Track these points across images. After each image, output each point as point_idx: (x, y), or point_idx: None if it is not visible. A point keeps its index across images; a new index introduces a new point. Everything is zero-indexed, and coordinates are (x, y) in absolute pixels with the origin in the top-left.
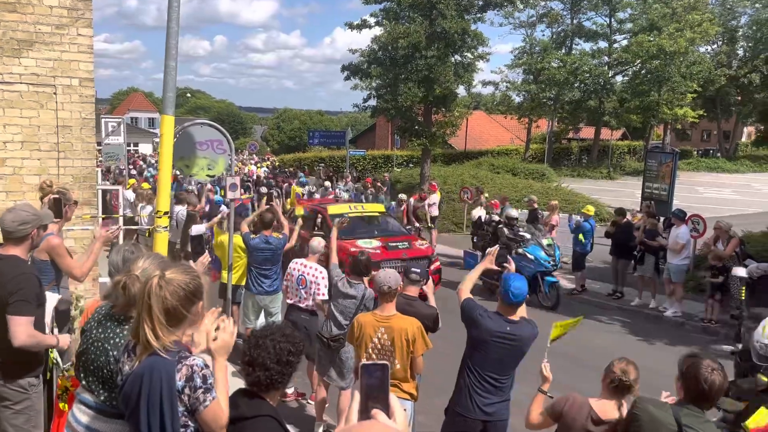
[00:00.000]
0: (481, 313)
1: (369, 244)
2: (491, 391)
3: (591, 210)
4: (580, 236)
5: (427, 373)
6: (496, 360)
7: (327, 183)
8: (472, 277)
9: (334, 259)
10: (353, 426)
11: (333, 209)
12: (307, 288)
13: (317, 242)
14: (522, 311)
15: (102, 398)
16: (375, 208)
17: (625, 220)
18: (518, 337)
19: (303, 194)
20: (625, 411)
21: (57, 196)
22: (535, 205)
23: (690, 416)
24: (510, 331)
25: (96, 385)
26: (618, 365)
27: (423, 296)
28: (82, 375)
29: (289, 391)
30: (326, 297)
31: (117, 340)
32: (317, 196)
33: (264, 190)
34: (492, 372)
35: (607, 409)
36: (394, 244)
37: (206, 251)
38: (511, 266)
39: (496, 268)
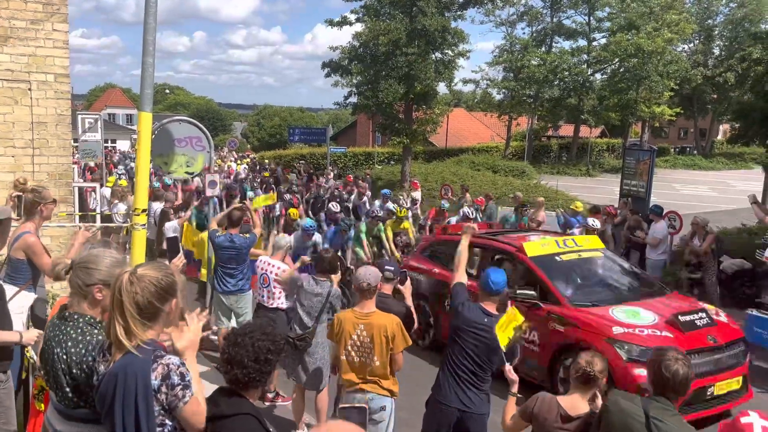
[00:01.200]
0: (463, 302)
1: (642, 320)
2: (468, 383)
3: (580, 206)
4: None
5: (411, 369)
6: (473, 352)
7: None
8: (463, 261)
9: None
10: (326, 424)
11: (533, 248)
12: (269, 287)
13: (281, 239)
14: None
15: (58, 398)
16: (591, 244)
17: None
18: (491, 330)
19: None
20: (599, 403)
21: (20, 193)
22: (521, 202)
23: (658, 408)
24: (487, 323)
25: (54, 385)
26: (584, 357)
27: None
28: (45, 375)
29: (270, 395)
30: (283, 303)
31: (61, 337)
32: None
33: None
34: (469, 363)
35: (576, 405)
36: (688, 318)
37: (181, 252)
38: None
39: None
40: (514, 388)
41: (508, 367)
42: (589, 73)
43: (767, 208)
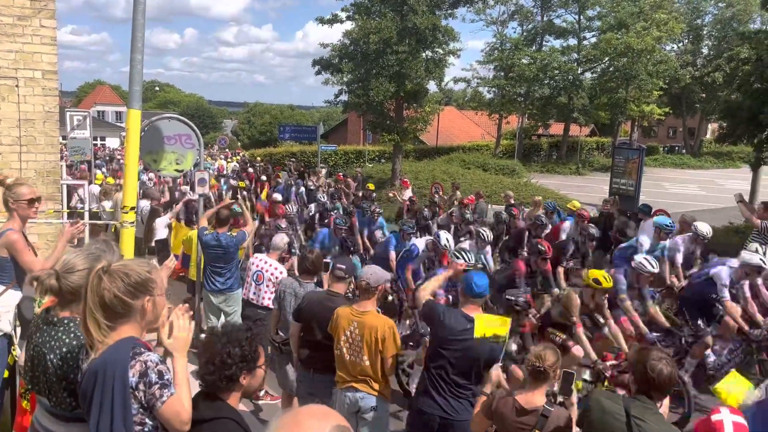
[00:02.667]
0: (444, 311)
1: None
2: (450, 391)
3: (577, 205)
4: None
5: None
6: (456, 360)
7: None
8: (434, 284)
9: None
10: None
11: None
12: (261, 285)
13: (279, 239)
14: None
15: (52, 403)
16: None
17: (608, 209)
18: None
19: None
20: (573, 399)
21: None
22: (512, 201)
23: (640, 407)
24: (470, 328)
25: (45, 391)
26: (534, 352)
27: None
28: (33, 380)
29: (260, 393)
30: (271, 305)
31: (53, 343)
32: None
33: (233, 183)
34: (452, 372)
35: (530, 399)
36: None
37: (172, 254)
38: None
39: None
40: (487, 389)
41: (496, 368)
42: (579, 71)
43: (753, 207)
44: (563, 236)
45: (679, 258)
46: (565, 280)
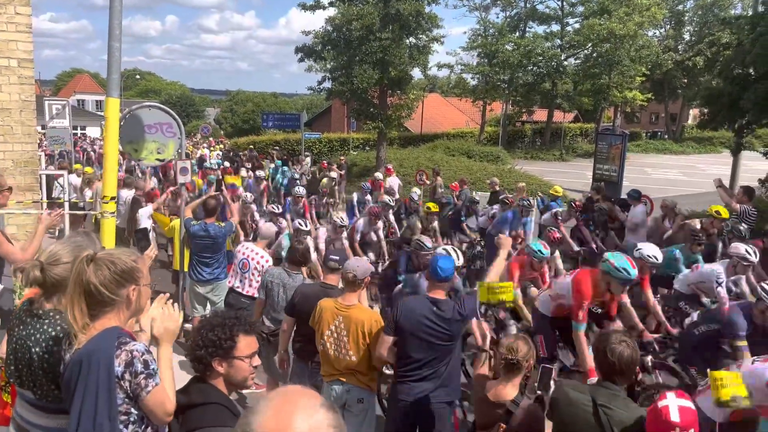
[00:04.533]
0: (402, 299)
1: None
2: (423, 375)
3: (559, 190)
4: None
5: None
6: (426, 344)
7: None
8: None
9: None
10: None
11: None
12: (247, 273)
13: (267, 228)
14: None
15: (38, 395)
16: None
17: (598, 197)
18: (442, 318)
19: None
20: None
21: None
22: (497, 188)
23: (606, 394)
24: (435, 311)
25: (30, 383)
26: (505, 343)
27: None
28: (15, 373)
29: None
30: (255, 294)
31: (37, 336)
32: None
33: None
34: (423, 357)
35: (499, 393)
36: None
37: (152, 244)
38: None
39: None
40: (483, 344)
41: (475, 323)
42: (562, 58)
43: (733, 191)
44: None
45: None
46: None
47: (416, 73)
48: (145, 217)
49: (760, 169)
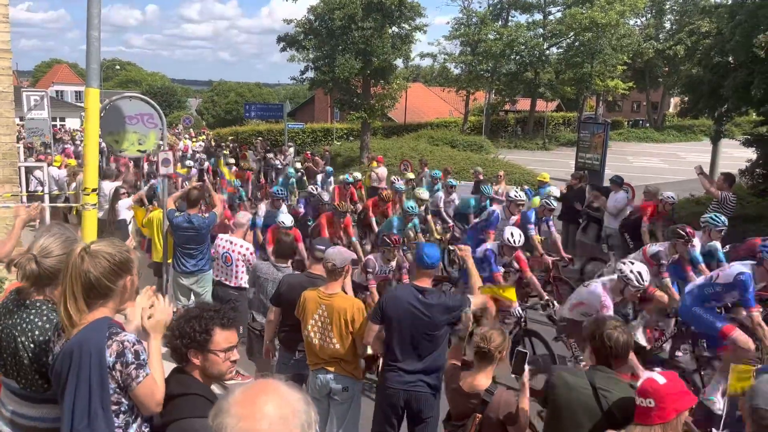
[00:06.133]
0: (389, 289)
1: None
2: (411, 364)
3: (546, 177)
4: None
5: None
6: (412, 332)
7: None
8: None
9: None
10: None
11: None
12: (232, 266)
13: (242, 215)
14: None
15: (22, 385)
16: None
17: (579, 185)
18: (428, 306)
19: None
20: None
21: None
22: (481, 177)
23: (604, 378)
24: (420, 299)
25: (14, 373)
26: (479, 333)
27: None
28: (1, 362)
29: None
30: (245, 284)
31: (24, 326)
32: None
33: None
34: (410, 345)
35: (474, 382)
36: None
37: (130, 236)
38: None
39: None
40: (462, 333)
41: (468, 314)
42: (545, 47)
43: (713, 179)
44: None
45: None
46: None
47: (399, 62)
48: (124, 208)
49: (740, 156)
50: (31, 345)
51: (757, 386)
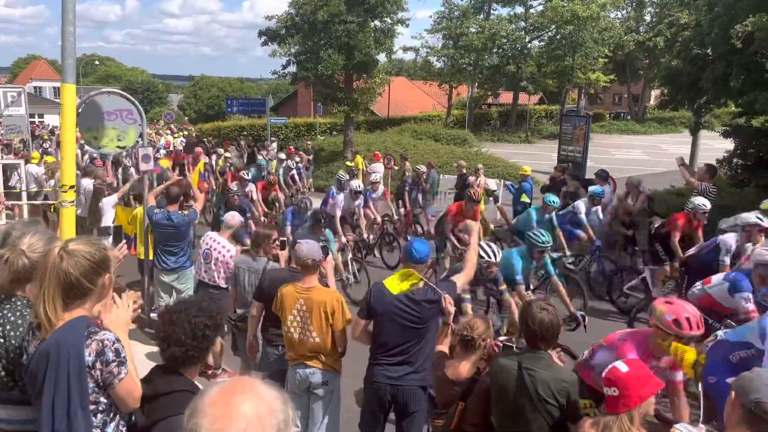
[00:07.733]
0: (375, 283)
1: None
2: (397, 360)
3: (528, 170)
4: (524, 197)
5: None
6: (399, 327)
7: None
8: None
9: None
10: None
11: None
12: (211, 264)
13: (231, 216)
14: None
15: None
16: None
17: (562, 177)
18: (414, 301)
19: None
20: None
21: None
22: (464, 171)
23: (530, 358)
24: (408, 295)
25: None
26: (463, 321)
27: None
28: None
29: (217, 371)
30: (224, 284)
31: None
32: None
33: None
34: (396, 340)
35: (458, 371)
36: None
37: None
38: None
39: None
40: (448, 319)
41: (448, 298)
42: (526, 40)
43: (693, 170)
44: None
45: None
46: None
47: (382, 57)
48: (109, 207)
49: (719, 147)
50: (2, 340)
51: (754, 381)
